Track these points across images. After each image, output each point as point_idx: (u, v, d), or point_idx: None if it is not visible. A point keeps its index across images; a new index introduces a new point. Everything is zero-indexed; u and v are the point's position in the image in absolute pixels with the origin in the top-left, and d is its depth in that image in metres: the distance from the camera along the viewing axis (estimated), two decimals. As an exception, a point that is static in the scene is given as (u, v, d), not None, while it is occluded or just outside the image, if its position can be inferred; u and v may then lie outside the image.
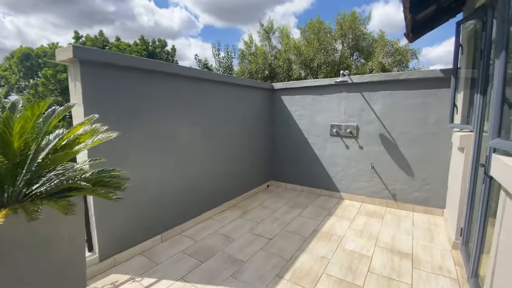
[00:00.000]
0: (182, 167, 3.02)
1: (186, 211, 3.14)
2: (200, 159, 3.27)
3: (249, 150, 4.23)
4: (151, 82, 2.58)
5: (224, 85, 3.57)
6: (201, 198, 3.34)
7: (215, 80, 3.35)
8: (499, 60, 1.29)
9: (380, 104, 3.72)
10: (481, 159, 2.29)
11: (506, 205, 1.31)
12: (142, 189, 2.58)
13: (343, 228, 3.13)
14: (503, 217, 1.33)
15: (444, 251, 2.56)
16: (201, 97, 3.20)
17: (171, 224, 2.95)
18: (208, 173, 3.41)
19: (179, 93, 2.90)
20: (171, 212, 2.94)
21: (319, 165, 4.35)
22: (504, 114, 1.42)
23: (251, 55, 14.28)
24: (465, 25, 2.71)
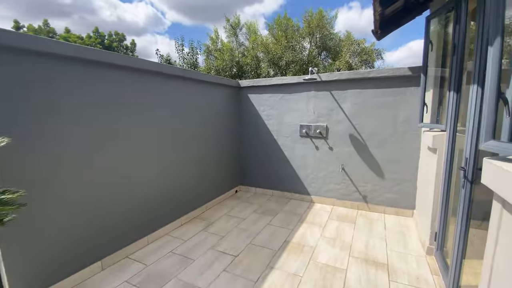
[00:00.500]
0: (128, 177, 2.52)
1: (136, 229, 2.64)
2: (153, 166, 2.79)
3: (214, 153, 3.82)
4: (80, 73, 2.06)
5: (182, 80, 3.12)
6: (155, 212, 2.86)
7: (169, 74, 2.89)
8: (493, 48, 1.09)
9: (349, 103, 3.57)
10: (456, 160, 2.18)
11: (502, 219, 1.11)
12: (73, 206, 2.04)
13: (315, 236, 2.89)
14: (499, 234, 1.12)
15: (419, 257, 2.43)
16: (152, 93, 2.72)
17: (115, 247, 2.44)
18: (163, 182, 2.94)
19: (121, 88, 2.40)
20: (115, 232, 2.42)
21: (289, 168, 4.10)
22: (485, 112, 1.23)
23: (217, 51, 13.65)
24: (433, 21, 2.61)
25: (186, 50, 13.93)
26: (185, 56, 14.03)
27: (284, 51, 11.77)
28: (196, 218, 3.42)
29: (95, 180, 2.22)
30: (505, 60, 1.17)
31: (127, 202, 2.53)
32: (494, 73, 1.09)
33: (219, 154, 3.97)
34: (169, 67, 2.91)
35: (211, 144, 3.75)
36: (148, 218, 2.78)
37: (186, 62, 13.89)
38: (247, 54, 12.93)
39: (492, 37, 1.10)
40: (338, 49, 12.19)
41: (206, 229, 3.12)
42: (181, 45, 14.13)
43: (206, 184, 3.69)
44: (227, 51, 13.05)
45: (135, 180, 2.59)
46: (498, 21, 1.08)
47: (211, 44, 14.15)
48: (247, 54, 12.89)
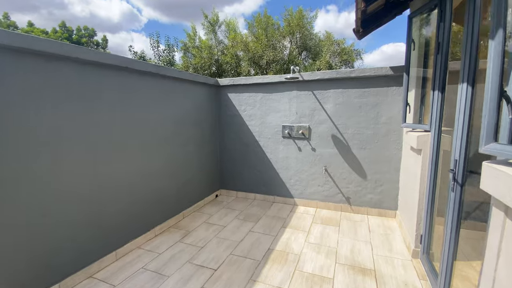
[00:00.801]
0: (93, 185, 2.21)
1: (102, 243, 2.33)
2: (122, 171, 2.49)
3: (191, 156, 3.57)
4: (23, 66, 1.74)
5: (154, 78, 2.85)
6: (125, 222, 2.56)
7: (138, 69, 2.61)
8: (494, 43, 0.99)
9: (331, 103, 3.49)
10: (440, 161, 2.13)
11: (506, 228, 1.01)
12: (26, 218, 1.72)
13: (300, 242, 2.75)
14: (501, 245, 1.03)
15: (405, 261, 2.37)
16: (117, 90, 2.42)
17: (76, 267, 2.12)
18: (134, 189, 2.65)
19: (79, 84, 2.09)
20: (76, 248, 2.11)
21: (272, 170, 3.95)
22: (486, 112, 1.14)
23: (195, 49, 13.09)
24: (416, 19, 2.58)
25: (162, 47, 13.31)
26: (161, 53, 13.33)
27: (264, 49, 11.58)
28: (172, 228, 3.15)
29: (55, 188, 1.90)
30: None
31: (91, 213, 2.22)
32: (496, 70, 0.99)
33: (198, 157, 3.72)
34: (140, 63, 2.63)
35: (188, 146, 3.49)
36: (117, 230, 2.48)
37: (162, 59, 13.16)
38: (227, 52, 12.52)
39: (493, 31, 1.00)
40: (318, 49, 12.28)
41: (182, 239, 2.87)
42: (156, 42, 13.37)
43: (183, 190, 3.43)
44: (205, 49, 12.54)
45: (100, 188, 2.28)
46: (500, 13, 0.98)
47: (189, 41, 13.55)
48: (227, 52, 12.49)
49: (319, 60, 11.62)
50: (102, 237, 2.33)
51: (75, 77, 2.04)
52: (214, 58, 12.95)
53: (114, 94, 2.39)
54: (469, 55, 1.50)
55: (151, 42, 13.40)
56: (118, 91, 2.42)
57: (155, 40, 13.37)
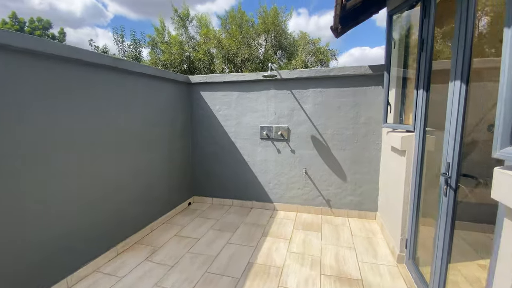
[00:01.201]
0: (37, 200, 1.79)
1: (50, 270, 1.91)
2: (73, 181, 2.08)
3: (160, 162, 3.19)
4: None
5: (113, 72, 2.45)
6: (78, 241, 2.15)
7: (92, 62, 2.21)
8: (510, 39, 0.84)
9: (310, 103, 3.35)
10: (425, 163, 2.06)
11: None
12: None
13: (282, 253, 2.55)
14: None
15: (391, 267, 2.27)
16: (66, 87, 2.01)
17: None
18: (91, 202, 2.24)
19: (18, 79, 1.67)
20: (16, 278, 1.67)
21: (249, 174, 3.71)
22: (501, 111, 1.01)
23: (164, 44, 12.25)
24: (396, 17, 2.51)
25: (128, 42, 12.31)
26: (126, 48, 12.26)
27: (239, 47, 11.23)
28: (138, 244, 2.76)
29: None
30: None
31: (37, 232, 1.79)
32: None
33: (167, 162, 3.35)
34: (92, 54, 2.22)
35: (155, 150, 3.12)
36: (69, 252, 2.06)
37: (128, 55, 12.13)
38: (199, 48, 11.91)
39: (510, 19, 0.86)
40: (293, 49, 12.27)
41: (150, 257, 2.51)
42: (121, 36, 12.26)
43: (150, 199, 3.05)
44: (175, 44, 11.79)
45: (48, 202, 1.86)
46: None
47: (157, 35, 12.68)
48: (199, 49, 11.86)
49: (294, 59, 11.58)
50: (51, 261, 1.91)
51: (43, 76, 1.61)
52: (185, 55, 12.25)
53: (70, 92, 1.97)
54: (463, 50, 1.39)
55: (115, 37, 12.29)
56: (75, 89, 2.01)
57: (119, 35, 12.29)
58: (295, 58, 11.67)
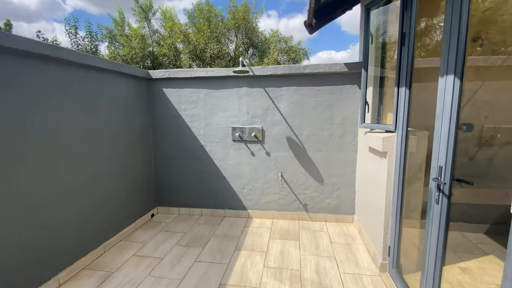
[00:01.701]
0: None
1: None
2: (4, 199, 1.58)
3: (115, 169, 2.73)
4: None
5: (54, 64, 1.98)
6: (13, 274, 1.65)
7: (24, 50, 1.73)
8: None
9: (285, 102, 3.14)
10: (407, 166, 1.94)
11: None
12: None
13: (258, 269, 2.28)
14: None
15: (374, 277, 2.13)
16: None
17: None
18: (25, 223, 1.75)
19: None
20: None
21: (221, 179, 3.38)
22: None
23: (124, 37, 11.17)
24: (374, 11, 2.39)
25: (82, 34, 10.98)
26: (80, 41, 10.89)
27: (208, 42, 10.65)
28: (87, 269, 2.29)
29: None
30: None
31: None
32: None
33: (123, 169, 2.89)
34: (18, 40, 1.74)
35: (108, 157, 2.65)
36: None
37: (82, 49, 10.81)
38: (163, 43, 11.05)
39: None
40: (265, 47, 12.06)
41: (101, 285, 2.07)
42: (74, 28, 10.83)
43: (102, 214, 2.58)
44: (136, 37, 10.79)
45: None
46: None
47: (115, 27, 11.51)
48: (163, 43, 11.02)
49: (267, 57, 11.35)
50: None
51: None
52: (148, 50, 11.31)
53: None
54: (457, 41, 1.25)
55: (67, 28, 10.80)
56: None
57: (71, 26, 10.83)
58: (267, 56, 11.46)
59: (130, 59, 11.00)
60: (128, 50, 10.73)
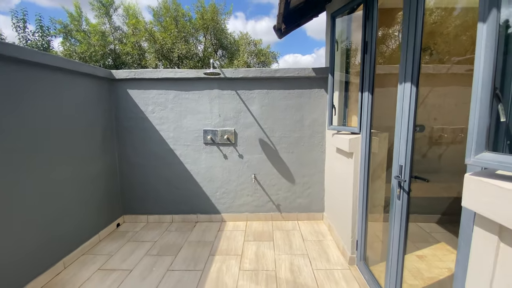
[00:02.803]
0: None
1: None
2: None
3: (73, 178, 2.50)
4: None
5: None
6: None
7: None
8: (487, 26, 0.78)
9: (257, 105, 3.18)
10: (369, 163, 2.09)
11: (500, 253, 0.83)
12: None
13: (233, 272, 2.27)
14: (494, 273, 0.85)
15: (345, 270, 2.25)
16: None
17: None
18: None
19: None
20: None
21: (192, 184, 3.29)
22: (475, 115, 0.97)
23: (81, 33, 10.20)
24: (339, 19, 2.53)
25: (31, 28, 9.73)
26: (29, 36, 9.60)
27: (175, 41, 10.24)
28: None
29: None
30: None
31: None
32: (488, 63, 0.79)
33: (82, 177, 2.66)
34: None
35: (64, 165, 2.42)
36: None
37: (31, 44, 9.54)
38: (126, 41, 10.36)
39: (485, 13, 0.80)
40: (235, 49, 12.03)
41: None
42: (22, 21, 9.48)
43: (61, 227, 2.34)
44: (95, 34, 9.92)
45: None
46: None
47: (71, 22, 10.46)
48: (126, 41, 10.33)
49: (236, 59, 11.33)
50: None
51: None
52: (109, 47, 10.53)
53: None
54: (413, 50, 1.39)
55: (14, 21, 9.45)
56: None
57: (20, 19, 9.49)
58: (237, 59, 11.45)
59: (88, 57, 10.10)
60: (86, 47, 9.82)
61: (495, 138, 0.84)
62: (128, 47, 10.55)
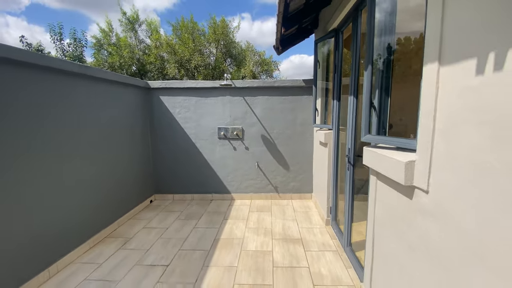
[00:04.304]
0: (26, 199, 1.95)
1: (30, 262, 2.07)
2: (51, 184, 2.26)
3: (122, 162, 3.42)
4: None
5: (77, 79, 2.66)
6: (52, 238, 2.32)
7: (56, 68, 2.41)
8: (367, 73, 1.64)
9: (260, 108, 4.06)
10: (340, 151, 2.95)
11: (377, 184, 1.68)
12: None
13: (241, 229, 3.15)
14: (376, 195, 1.70)
15: (321, 228, 3.12)
16: (29, 93, 2.20)
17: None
18: (59, 203, 2.42)
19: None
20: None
21: (209, 170, 4.19)
22: (365, 115, 1.84)
23: (112, 46, 11.62)
24: (320, 44, 3.40)
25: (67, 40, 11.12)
26: (65, 47, 11.04)
27: (192, 54, 11.52)
28: (109, 238, 2.98)
29: None
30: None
31: (21, 228, 1.95)
32: (367, 89, 1.66)
33: (129, 162, 3.58)
34: (59, 62, 2.43)
35: (118, 152, 3.34)
36: (42, 247, 2.22)
37: (68, 55, 10.95)
38: (150, 52, 11.69)
39: (366, 64, 1.67)
40: (242, 58, 13.19)
41: (124, 246, 2.79)
42: (58, 34, 10.96)
43: (115, 197, 3.26)
44: (125, 47, 11.30)
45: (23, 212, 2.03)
46: (370, 52, 1.64)
47: (103, 36, 11.84)
48: (150, 53, 11.65)
49: (243, 68, 12.48)
50: (26, 260, 2.07)
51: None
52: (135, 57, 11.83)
53: (29, 96, 2.16)
54: (354, 74, 2.25)
55: (51, 34, 10.89)
56: (38, 93, 2.20)
57: (57, 32, 10.95)
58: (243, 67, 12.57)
59: (117, 66, 11.36)
60: (117, 58, 11.13)
61: (370, 127, 1.70)
62: (151, 57, 11.74)
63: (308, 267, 2.35)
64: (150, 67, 12.13)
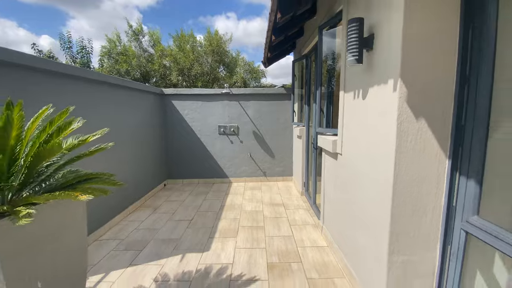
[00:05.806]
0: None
1: (93, 219, 3.09)
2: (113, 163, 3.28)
3: (147, 152, 4.44)
4: (62, 84, 2.48)
5: (117, 89, 3.67)
6: (109, 201, 3.34)
7: (109, 82, 3.40)
8: (318, 91, 2.83)
9: (252, 110, 5.19)
10: (310, 142, 4.16)
11: (325, 158, 2.88)
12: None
13: (239, 200, 4.28)
14: (325, 165, 2.89)
15: (297, 197, 4.31)
16: (97, 102, 3.23)
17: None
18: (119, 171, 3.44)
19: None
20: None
21: (211, 159, 5.28)
22: (317, 116, 3.03)
23: (121, 55, 12.65)
24: (296, 63, 4.59)
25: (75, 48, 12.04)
26: (75, 55, 11.91)
27: (193, 63, 12.68)
28: (142, 207, 4.01)
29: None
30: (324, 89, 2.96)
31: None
32: (318, 99, 2.84)
33: (151, 153, 4.61)
34: (113, 78, 3.45)
35: (143, 145, 4.37)
36: (106, 209, 3.24)
37: (78, 62, 11.73)
38: (154, 61, 12.78)
39: (316, 85, 2.85)
40: (233, 65, 14.47)
41: (155, 211, 3.83)
42: (68, 42, 11.87)
43: (142, 179, 4.28)
44: (133, 57, 12.31)
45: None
46: (317, 78, 2.82)
47: (110, 46, 12.75)
48: (154, 61, 12.73)
49: (235, 75, 13.80)
50: (97, 214, 3.09)
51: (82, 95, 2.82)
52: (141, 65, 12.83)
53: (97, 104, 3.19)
54: (316, 88, 3.44)
55: (61, 43, 11.92)
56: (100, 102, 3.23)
57: (66, 41, 12.20)
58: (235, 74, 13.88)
59: (124, 72, 12.23)
60: (126, 66, 12.04)
61: (320, 122, 2.88)
62: (155, 65, 12.71)
63: (287, 217, 3.53)
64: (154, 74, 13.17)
